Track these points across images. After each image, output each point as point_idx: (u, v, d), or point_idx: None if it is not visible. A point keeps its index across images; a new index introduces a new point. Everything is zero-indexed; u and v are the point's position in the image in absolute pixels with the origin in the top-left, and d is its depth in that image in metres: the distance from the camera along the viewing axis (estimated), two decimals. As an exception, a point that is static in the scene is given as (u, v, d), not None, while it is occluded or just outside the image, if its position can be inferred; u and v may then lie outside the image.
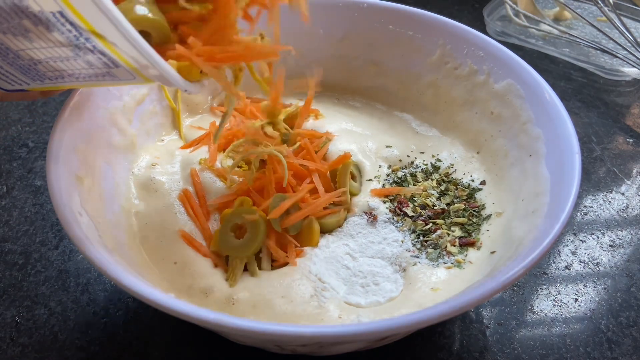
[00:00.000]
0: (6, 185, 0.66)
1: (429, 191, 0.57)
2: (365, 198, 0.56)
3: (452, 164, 0.61)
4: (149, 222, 0.53)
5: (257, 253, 0.50)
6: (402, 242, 0.52)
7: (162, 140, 0.63)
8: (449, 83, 0.65)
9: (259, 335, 0.36)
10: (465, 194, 0.57)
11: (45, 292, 0.55)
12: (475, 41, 0.61)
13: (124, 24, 0.33)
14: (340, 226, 0.54)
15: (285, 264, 0.50)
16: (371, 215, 0.55)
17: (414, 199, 0.57)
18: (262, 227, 0.50)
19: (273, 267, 0.51)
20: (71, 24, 0.33)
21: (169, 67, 0.37)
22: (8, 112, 0.77)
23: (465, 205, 0.56)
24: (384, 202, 0.56)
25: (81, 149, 0.50)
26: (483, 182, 0.58)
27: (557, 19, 0.97)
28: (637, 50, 0.81)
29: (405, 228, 0.54)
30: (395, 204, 0.56)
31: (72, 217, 0.42)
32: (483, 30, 0.91)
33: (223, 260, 0.51)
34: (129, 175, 0.57)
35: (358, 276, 0.50)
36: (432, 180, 0.59)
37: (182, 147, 0.61)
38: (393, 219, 0.55)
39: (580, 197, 0.66)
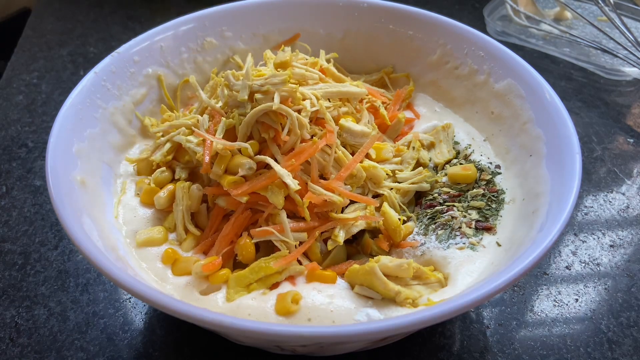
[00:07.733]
0: (5, 186, 0.66)
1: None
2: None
3: (470, 145, 0.60)
4: (138, 217, 0.52)
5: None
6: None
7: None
8: (449, 83, 0.64)
9: (259, 335, 0.36)
10: (487, 178, 0.55)
11: (44, 292, 0.55)
12: (476, 41, 0.61)
13: None
14: None
15: None
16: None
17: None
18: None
19: None
20: None
21: None
22: (7, 112, 0.77)
23: (484, 190, 0.54)
24: None
25: (81, 149, 0.50)
26: (498, 167, 0.57)
27: (557, 19, 0.96)
28: (638, 50, 0.81)
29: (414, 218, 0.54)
30: None
31: (71, 217, 0.42)
32: (483, 30, 0.91)
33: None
34: (126, 174, 0.57)
35: None
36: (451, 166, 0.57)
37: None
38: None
39: (580, 197, 0.66)
